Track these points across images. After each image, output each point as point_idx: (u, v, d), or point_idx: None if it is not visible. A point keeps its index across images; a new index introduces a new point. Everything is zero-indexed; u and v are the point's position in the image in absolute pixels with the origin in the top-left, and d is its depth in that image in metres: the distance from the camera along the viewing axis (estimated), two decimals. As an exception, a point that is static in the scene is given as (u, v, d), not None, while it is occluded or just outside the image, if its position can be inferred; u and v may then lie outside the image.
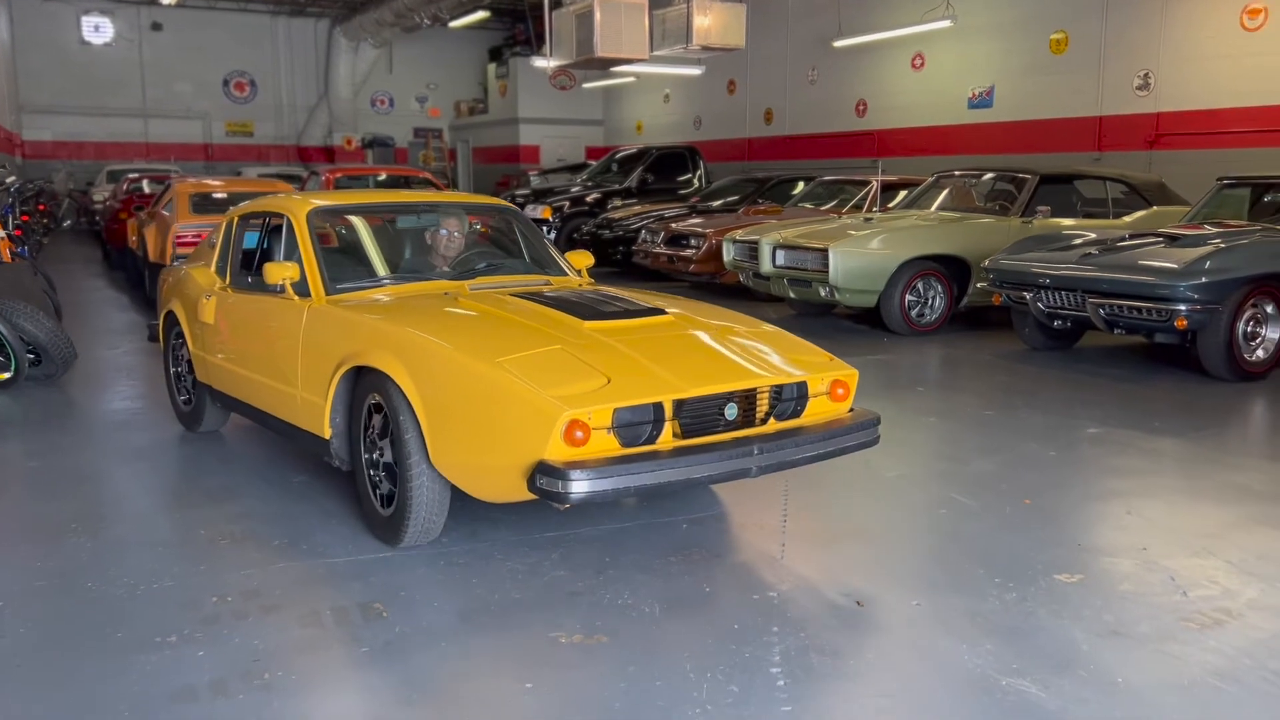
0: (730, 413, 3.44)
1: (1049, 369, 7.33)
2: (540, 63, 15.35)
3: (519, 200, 15.00)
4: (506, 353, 3.41)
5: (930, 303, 8.92)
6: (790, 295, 9.41)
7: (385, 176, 14.95)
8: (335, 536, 3.93)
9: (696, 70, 17.85)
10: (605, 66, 15.25)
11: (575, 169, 19.37)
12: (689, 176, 15.98)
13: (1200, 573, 3.55)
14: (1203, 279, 6.46)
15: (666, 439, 3.32)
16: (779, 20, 18.73)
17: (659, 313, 3.96)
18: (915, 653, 2.98)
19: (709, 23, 13.04)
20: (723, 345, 3.76)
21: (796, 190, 13.27)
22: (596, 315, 3.83)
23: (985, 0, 15.12)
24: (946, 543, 3.91)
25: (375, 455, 3.77)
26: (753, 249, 9.69)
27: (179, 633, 3.10)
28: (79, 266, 15.16)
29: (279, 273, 4.24)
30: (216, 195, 10.70)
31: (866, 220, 9.49)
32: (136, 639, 3.05)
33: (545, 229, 13.59)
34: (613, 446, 3.23)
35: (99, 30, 24.73)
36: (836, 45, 17.29)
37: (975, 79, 15.52)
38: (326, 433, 3.96)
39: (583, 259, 5.05)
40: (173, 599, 3.35)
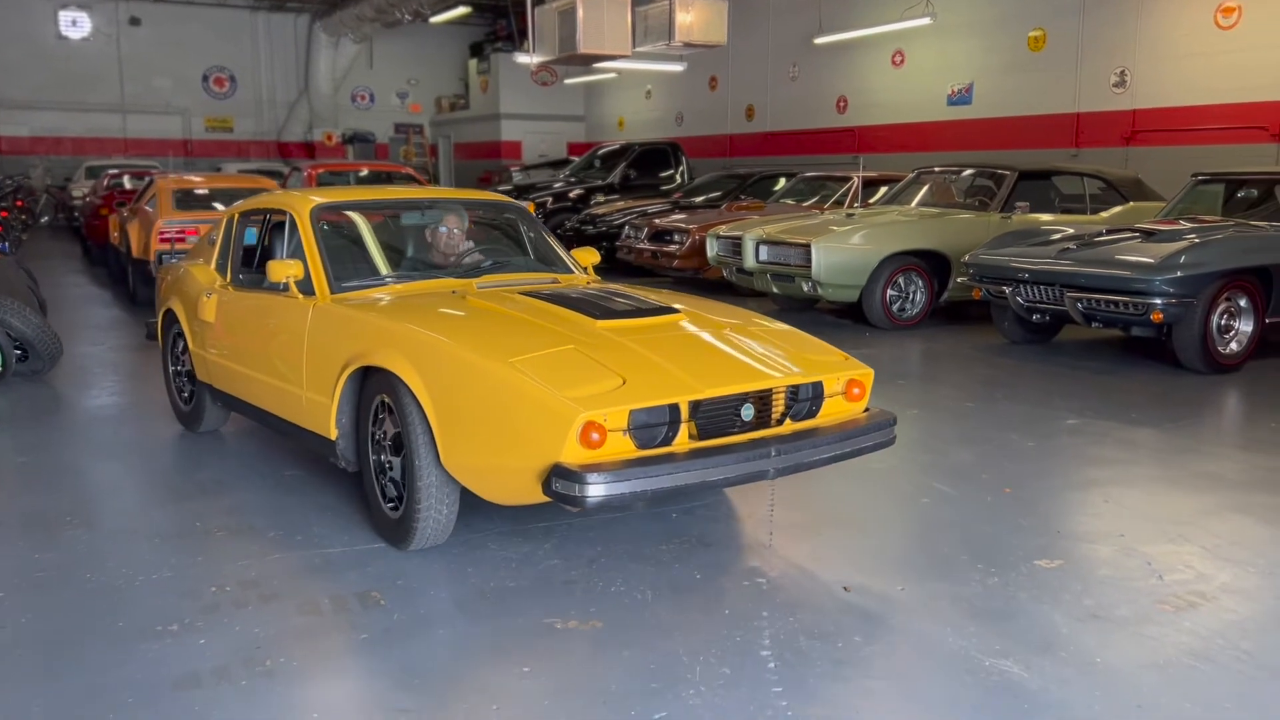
0: (747, 414, 3.38)
1: (1028, 362, 7.45)
2: (523, 59, 15.37)
3: (502, 196, 14.99)
4: (519, 353, 3.34)
5: (911, 297, 9.04)
6: (773, 290, 9.51)
7: (367, 172, 14.98)
8: (330, 528, 3.98)
9: (678, 67, 17.91)
10: (588, 63, 15.29)
11: (557, 165, 19.41)
12: (671, 173, 16.06)
13: (1176, 558, 3.66)
14: (1178, 273, 6.59)
15: (682, 441, 3.26)
16: (760, 17, 18.83)
17: (671, 311, 3.90)
18: (901, 635, 3.07)
19: (691, 19, 13.10)
20: (737, 344, 3.70)
21: (778, 186, 13.36)
22: (608, 314, 3.77)
23: (964, -2, 15.27)
24: (930, 531, 4.00)
25: (383, 457, 3.73)
26: (736, 245, 9.78)
27: (180, 621, 3.15)
28: (58, 263, 15.08)
29: (283, 270, 4.16)
30: (199, 191, 10.70)
31: (848, 216, 9.59)
32: (138, 628, 3.10)
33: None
34: (628, 448, 3.16)
35: (76, 25, 24.55)
36: (817, 42, 17.41)
37: (955, 76, 15.66)
38: (333, 434, 3.90)
39: (589, 256, 4.98)
40: (172, 589, 3.40)
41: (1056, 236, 7.72)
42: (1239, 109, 12.00)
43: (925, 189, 10.15)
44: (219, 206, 10.46)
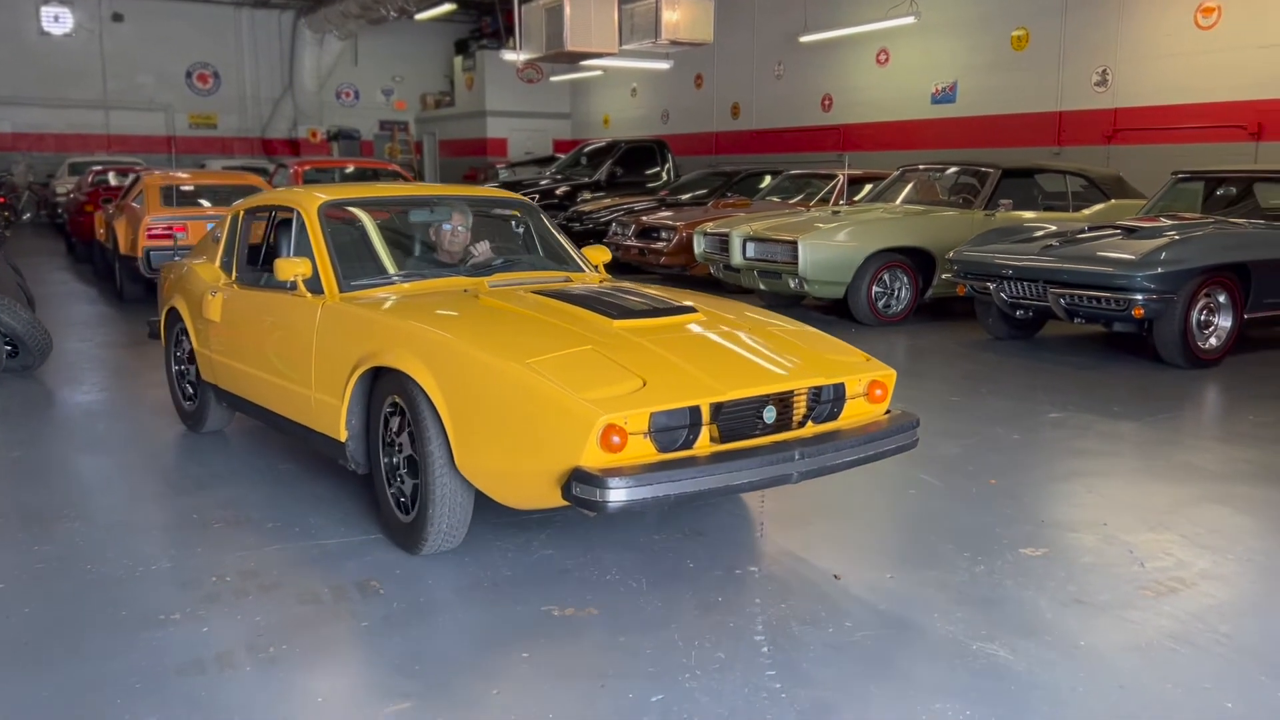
0: (769, 416, 3.31)
1: (1011, 357, 7.55)
2: (510, 56, 15.41)
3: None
4: (536, 353, 3.26)
5: (896, 294, 9.14)
6: (760, 287, 9.58)
7: (353, 169, 15.00)
8: (327, 520, 4.03)
9: (665, 65, 17.98)
10: (574, 60, 15.34)
11: (543, 162, 19.46)
12: (658, 170, 16.12)
13: (1157, 546, 3.75)
14: (1158, 269, 6.70)
15: (703, 444, 3.19)
16: (746, 16, 18.91)
17: (689, 310, 3.82)
18: (891, 621, 3.15)
19: (677, 17, 13.17)
20: (757, 344, 3.62)
21: (764, 184, 13.45)
22: (625, 313, 3.68)
23: (948, -3, 15.40)
24: (917, 521, 4.08)
25: (395, 459, 3.65)
26: (723, 241, 9.86)
27: (182, 610, 3.20)
28: (43, 259, 15.02)
29: (291, 269, 4.07)
30: (186, 188, 10.69)
31: (834, 214, 9.67)
32: (140, 617, 3.15)
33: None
34: (649, 452, 3.09)
35: (59, 21, 24.40)
36: (802, 41, 17.52)
37: (938, 75, 15.79)
38: (342, 435, 3.82)
39: (600, 254, 4.88)
40: (172, 579, 3.45)
41: (1039, 233, 7.82)
42: (1218, 108, 12.16)
43: (910, 187, 10.26)
44: (205, 203, 10.47)
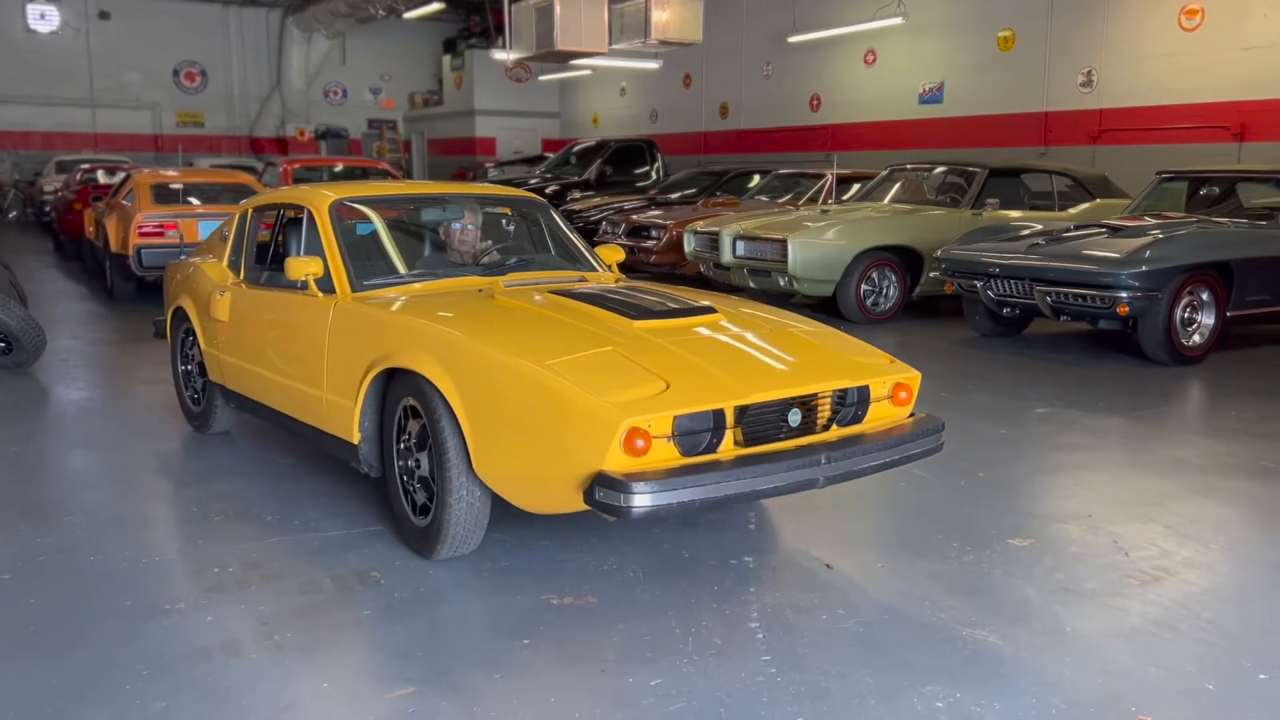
0: (794, 419, 3.24)
1: (999, 354, 7.64)
2: (500, 55, 15.44)
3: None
4: (556, 355, 3.19)
5: (885, 292, 9.23)
6: (750, 285, 9.66)
7: (342, 168, 15.00)
8: (325, 512, 4.08)
9: (654, 64, 18.05)
10: (564, 59, 15.39)
11: (532, 161, 19.50)
12: (647, 169, 16.18)
13: (1141, 536, 3.84)
14: (1143, 267, 6.80)
15: (727, 447, 3.12)
16: (735, 16, 19.00)
17: (709, 311, 3.73)
18: (883, 608, 3.22)
19: (667, 17, 13.24)
20: (779, 346, 3.55)
21: (753, 183, 13.52)
22: (644, 314, 3.60)
23: (935, -2, 15.52)
24: (907, 513, 4.16)
25: (410, 462, 3.58)
26: (713, 240, 9.93)
27: (186, 600, 3.25)
28: (31, 258, 14.99)
29: (302, 268, 3.98)
30: (175, 185, 10.70)
31: (823, 213, 9.76)
32: (146, 606, 3.20)
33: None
34: (672, 456, 3.02)
35: (45, 18, 24.32)
36: (791, 41, 17.61)
37: (926, 75, 15.90)
38: (355, 437, 3.76)
39: (614, 254, 4.80)
40: (176, 570, 3.50)
41: (1025, 232, 7.92)
42: (1202, 109, 12.30)
43: (898, 186, 10.35)
44: (195, 201, 10.48)
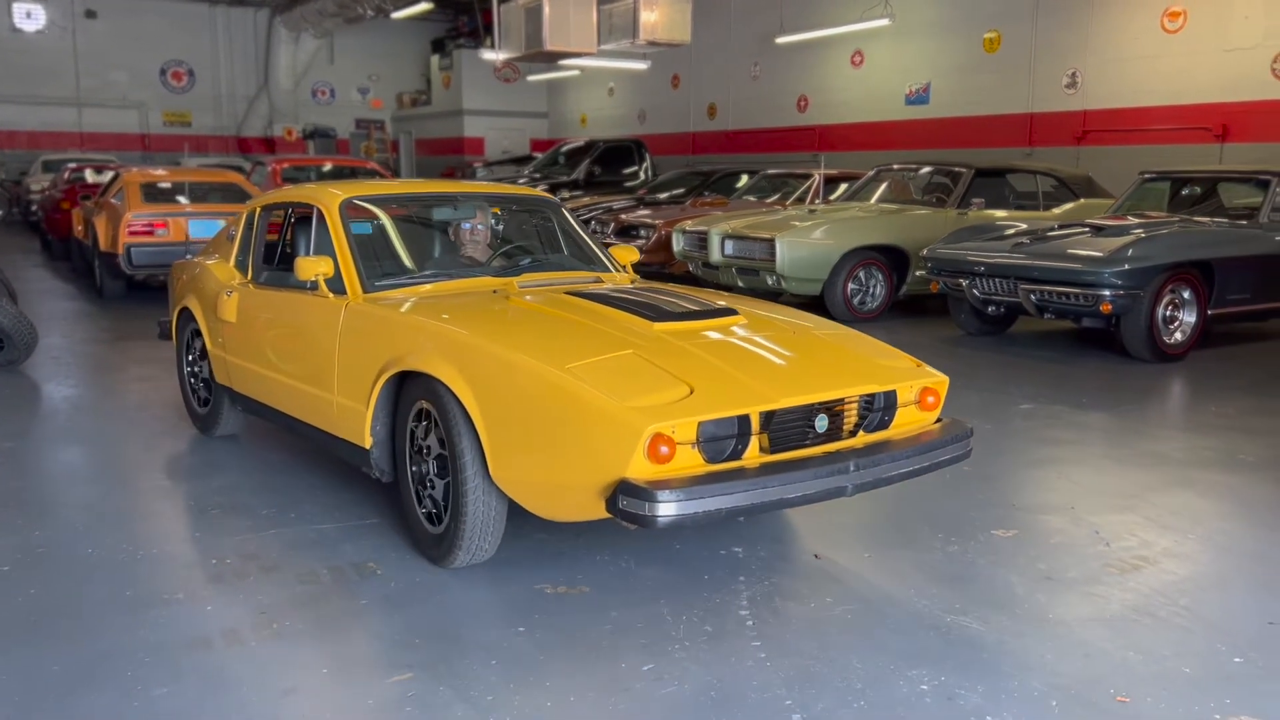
0: (820, 425, 3.16)
1: (984, 352, 7.74)
2: (489, 55, 15.48)
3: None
4: (576, 358, 3.10)
5: (871, 290, 9.32)
6: (739, 284, 9.73)
7: (331, 167, 15.02)
8: (320, 506, 4.13)
9: (642, 65, 18.11)
10: (553, 60, 15.44)
11: (521, 161, 19.54)
12: (635, 169, 16.26)
13: (1122, 527, 3.92)
14: (1126, 266, 6.90)
15: (753, 454, 3.04)
16: (722, 16, 19.08)
17: (730, 313, 3.64)
18: (869, 596, 3.29)
19: (655, 18, 13.32)
20: (804, 349, 3.46)
21: (741, 183, 13.60)
22: (664, 316, 3.51)
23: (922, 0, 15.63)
24: (893, 504, 4.23)
25: (423, 468, 3.49)
26: (702, 239, 10.00)
27: (185, 590, 3.30)
28: (19, 257, 14.97)
29: (312, 268, 3.89)
30: (164, 184, 10.71)
31: (810, 212, 9.84)
32: (146, 597, 3.25)
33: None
34: (697, 463, 2.94)
35: (31, 17, 24.24)
36: (779, 42, 17.71)
37: (912, 76, 16.02)
38: (367, 442, 3.67)
39: (628, 254, 4.71)
40: (174, 561, 3.55)
41: (1011, 232, 8.01)
42: (1184, 110, 12.44)
43: (884, 186, 10.44)
44: (183, 200, 10.49)
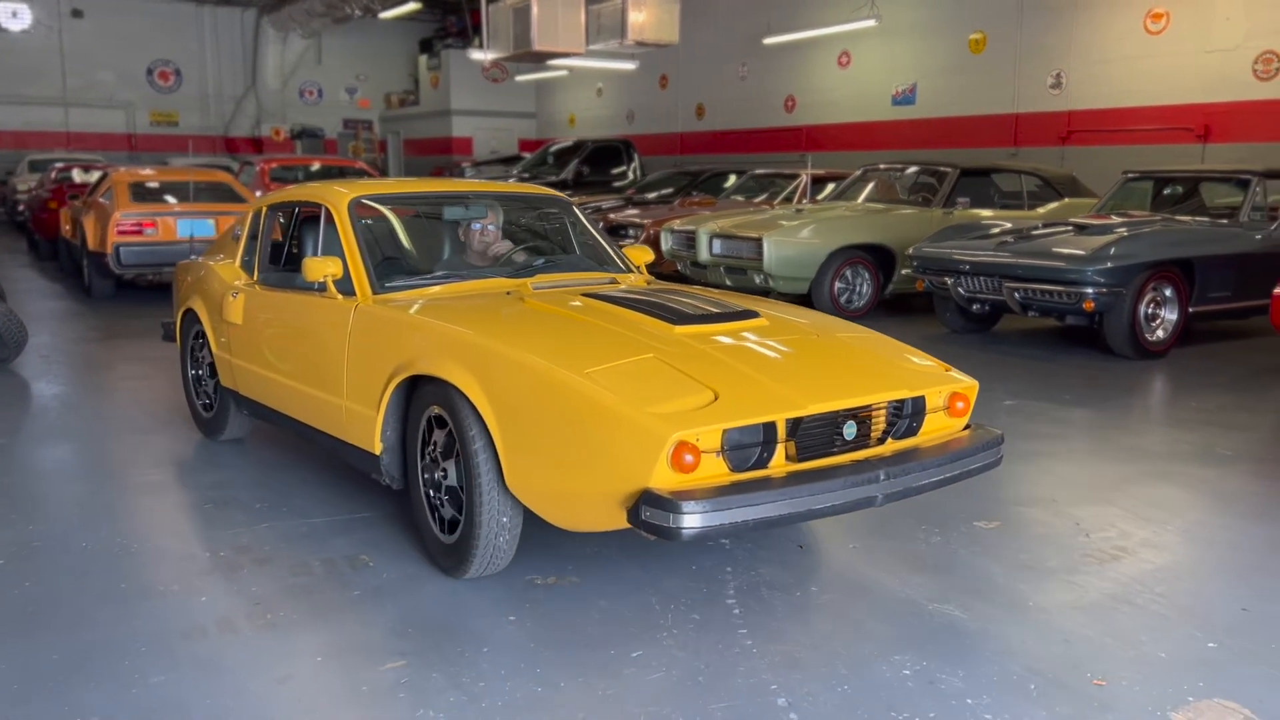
0: (849, 432, 3.05)
1: (969, 349, 7.82)
2: (477, 55, 15.53)
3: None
4: (595, 362, 3.00)
5: (858, 289, 9.40)
6: (727, 283, 9.79)
7: (319, 167, 15.04)
8: (312, 500, 4.18)
9: (631, 65, 18.18)
10: (541, 60, 15.49)
11: (509, 161, 19.56)
12: (624, 169, 16.31)
13: (1102, 518, 4.00)
14: (1108, 264, 6.99)
15: (779, 462, 2.93)
16: (710, 17, 19.15)
17: (752, 315, 3.53)
18: (854, 585, 3.36)
19: (643, 18, 13.39)
20: (830, 353, 3.37)
21: (728, 183, 13.68)
22: (684, 318, 3.40)
23: (908, 1, 15.72)
24: (878, 498, 4.30)
25: (436, 475, 3.38)
26: (690, 239, 10.06)
27: (180, 582, 3.34)
28: (6, 257, 14.95)
29: (321, 268, 3.80)
30: (153, 184, 10.71)
31: (797, 212, 9.92)
32: (141, 588, 3.29)
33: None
34: (721, 472, 2.83)
35: (17, 17, 24.13)
36: (766, 43, 17.79)
37: (899, 77, 16.12)
38: (377, 448, 3.57)
39: (642, 254, 4.61)
40: (169, 554, 3.59)
41: (995, 230, 8.10)
42: (1167, 110, 12.56)
43: (871, 186, 10.53)
44: (171, 199, 10.50)
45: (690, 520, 2.64)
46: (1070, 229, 7.78)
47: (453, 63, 25.25)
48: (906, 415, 3.21)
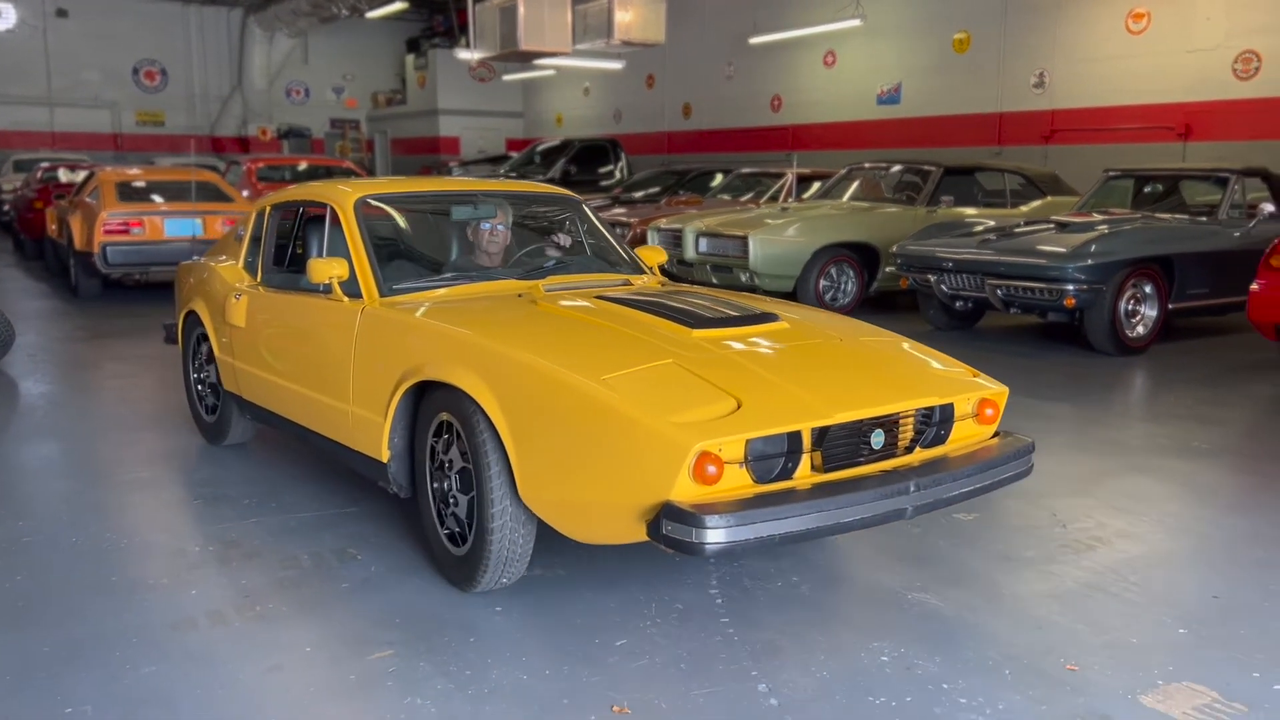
0: (876, 441, 2.94)
1: (952, 346, 7.87)
2: (464, 55, 15.56)
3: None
4: (612, 368, 2.90)
5: (843, 287, 9.48)
6: (713, 281, 9.86)
7: (306, 166, 15.04)
8: (300, 496, 4.22)
9: (617, 65, 18.22)
10: (528, 59, 15.53)
11: (496, 160, 19.60)
12: (611, 168, 16.36)
13: (1080, 510, 4.07)
14: (1088, 261, 7.08)
15: (804, 473, 2.82)
16: (697, 17, 19.21)
17: (772, 318, 3.43)
18: (834, 575, 3.42)
19: (630, 18, 13.44)
20: (855, 358, 3.27)
21: (715, 182, 13.74)
22: (702, 322, 3.29)
23: (892, 0, 15.81)
24: (860, 491, 4.36)
25: (445, 484, 3.29)
26: (677, 237, 10.12)
27: (170, 576, 3.38)
28: (-9, 257, 14.90)
29: (326, 270, 3.70)
30: (139, 183, 10.71)
31: (783, 210, 9.99)
32: (131, 582, 3.33)
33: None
34: (745, 483, 2.72)
35: (1, 16, 24.03)
36: (752, 42, 17.86)
37: (884, 76, 16.21)
38: (384, 455, 3.47)
39: (656, 255, 4.48)
40: (158, 549, 3.63)
41: (978, 229, 8.18)
42: (1148, 109, 12.68)
43: (856, 184, 10.60)
44: (158, 199, 10.50)
45: (714, 535, 2.54)
46: (1052, 227, 7.86)
47: (439, 62, 25.25)
48: (935, 423, 3.12)
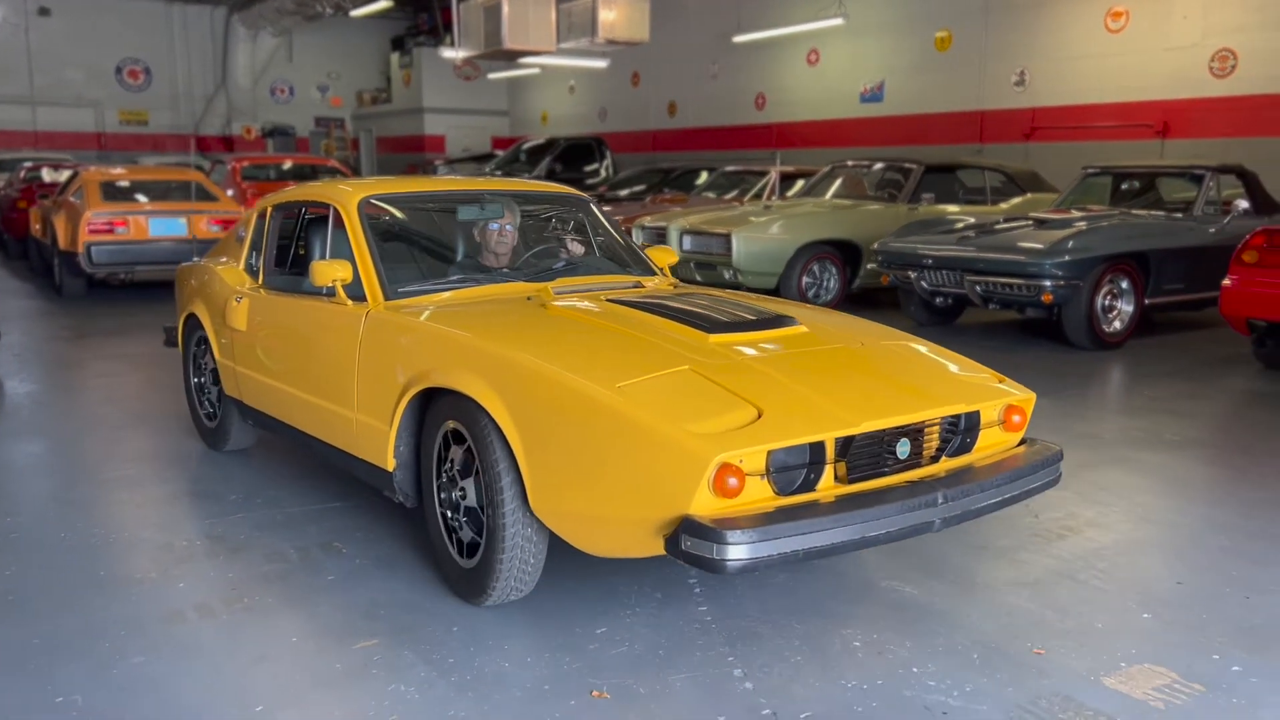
0: (902, 451, 2.83)
1: (933, 342, 7.97)
2: (448, 53, 15.59)
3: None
4: (627, 375, 2.79)
5: (825, 284, 9.56)
6: (696, 278, 9.93)
7: (291, 165, 15.05)
8: (285, 492, 4.27)
9: (602, 63, 18.28)
10: (512, 58, 15.57)
11: (482, 159, 19.63)
12: (596, 167, 16.42)
13: (1052, 501, 4.16)
14: (1066, 257, 7.18)
15: (827, 484, 2.72)
16: (680, 15, 19.28)
17: (790, 322, 3.31)
18: (810, 565, 3.49)
19: (614, 17, 13.49)
20: (878, 364, 3.16)
21: (700, 180, 13.82)
22: (718, 326, 3.18)
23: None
24: (838, 484, 4.44)
25: (454, 495, 3.18)
26: (661, 235, 10.18)
27: (158, 570, 3.43)
28: (-26, 257, 14.86)
29: (329, 272, 3.58)
30: (124, 183, 10.72)
31: (766, 208, 10.08)
32: (119, 576, 3.38)
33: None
34: (766, 495, 2.62)
35: (-17, 14, 23.93)
36: (736, 41, 17.94)
37: (866, 75, 16.31)
38: (389, 464, 3.37)
39: (666, 256, 4.37)
40: (146, 544, 3.68)
41: (958, 226, 8.28)
42: (1127, 107, 12.82)
43: (838, 182, 10.70)
44: (142, 199, 10.51)
45: (736, 551, 2.42)
46: (1030, 223, 7.96)
47: (425, 61, 25.26)
48: (961, 431, 3.01)
